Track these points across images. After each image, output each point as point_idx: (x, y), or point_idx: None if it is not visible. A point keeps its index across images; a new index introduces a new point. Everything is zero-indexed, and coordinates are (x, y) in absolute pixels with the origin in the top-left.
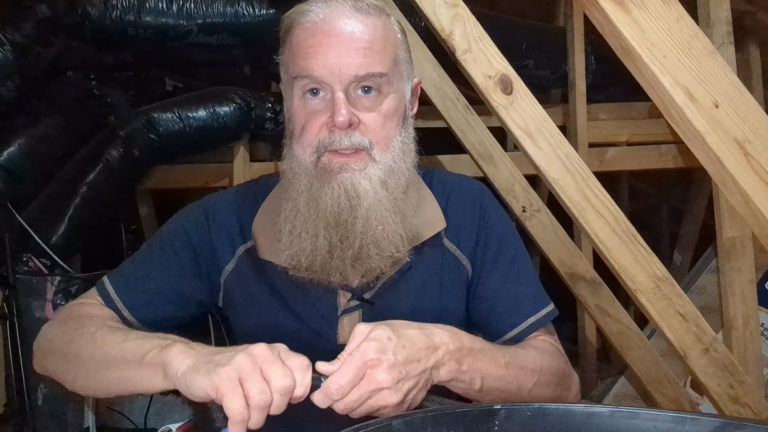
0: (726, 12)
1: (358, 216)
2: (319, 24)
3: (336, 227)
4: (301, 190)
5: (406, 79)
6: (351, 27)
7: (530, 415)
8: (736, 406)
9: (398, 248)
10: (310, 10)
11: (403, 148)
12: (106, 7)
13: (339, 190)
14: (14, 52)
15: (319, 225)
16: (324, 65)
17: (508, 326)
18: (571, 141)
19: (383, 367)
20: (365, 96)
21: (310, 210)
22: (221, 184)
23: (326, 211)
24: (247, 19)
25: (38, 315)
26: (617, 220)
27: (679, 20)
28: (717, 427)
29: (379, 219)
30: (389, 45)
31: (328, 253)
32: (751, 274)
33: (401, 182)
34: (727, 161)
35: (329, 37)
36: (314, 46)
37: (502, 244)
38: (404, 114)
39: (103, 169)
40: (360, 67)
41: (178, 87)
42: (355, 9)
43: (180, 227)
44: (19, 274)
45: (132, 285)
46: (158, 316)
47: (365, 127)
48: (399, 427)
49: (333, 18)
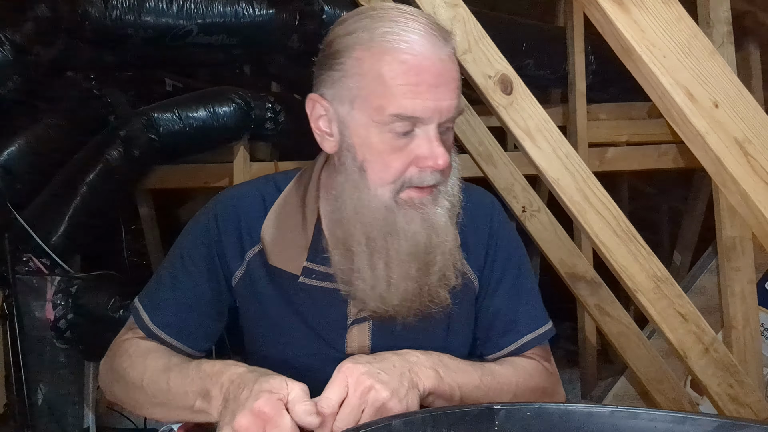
0: (726, 12)
1: (437, 246)
2: (420, 60)
3: (416, 259)
4: (374, 223)
5: None
6: (449, 65)
7: (530, 415)
8: (736, 406)
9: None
10: (402, 39)
11: (454, 178)
12: (106, 7)
13: (422, 223)
14: (14, 52)
15: (410, 264)
16: (427, 107)
17: (504, 342)
18: (571, 141)
19: (360, 371)
20: (446, 132)
21: (392, 247)
22: (221, 184)
23: (417, 246)
24: (247, 19)
25: (38, 315)
26: (617, 220)
27: (679, 20)
28: (717, 427)
29: (451, 249)
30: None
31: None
32: (751, 274)
33: (456, 208)
34: (727, 161)
35: (433, 77)
36: (417, 85)
37: (509, 262)
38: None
39: (103, 169)
40: (456, 108)
41: (178, 87)
42: (443, 39)
43: (195, 238)
44: (19, 274)
45: (167, 310)
46: (200, 333)
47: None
48: (399, 427)
49: (432, 53)
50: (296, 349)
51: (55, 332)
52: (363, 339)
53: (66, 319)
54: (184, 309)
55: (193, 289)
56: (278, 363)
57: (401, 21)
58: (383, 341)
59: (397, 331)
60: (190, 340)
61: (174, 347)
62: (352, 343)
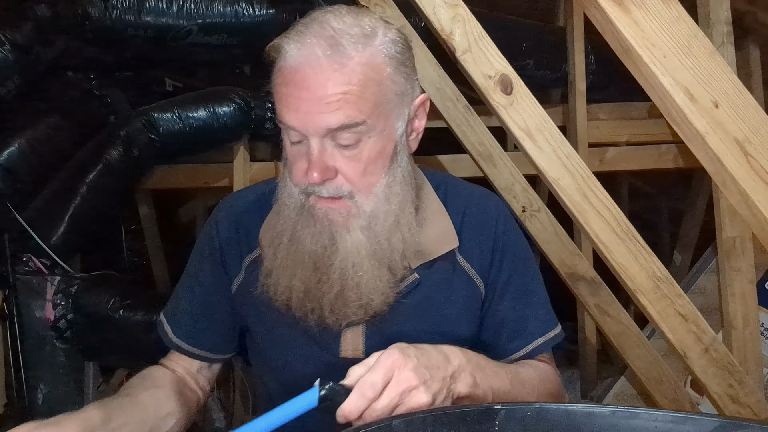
0: (726, 12)
1: (335, 263)
2: (293, 72)
3: (314, 271)
4: (287, 224)
5: (399, 111)
6: (322, 78)
7: (530, 415)
8: (736, 406)
9: (378, 294)
10: (287, 51)
11: (387, 191)
12: (106, 7)
13: (321, 239)
14: (14, 52)
15: (297, 266)
16: (296, 117)
17: (514, 348)
18: (571, 141)
19: (409, 367)
20: (344, 147)
21: (291, 247)
22: (221, 184)
23: (304, 252)
24: (247, 19)
25: (38, 315)
26: (617, 220)
27: (679, 20)
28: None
29: (358, 266)
30: (371, 87)
31: (304, 294)
32: (751, 274)
33: (389, 222)
34: (727, 161)
35: (300, 90)
36: (287, 96)
37: (516, 265)
38: (393, 151)
39: (103, 169)
40: (332, 120)
41: (178, 87)
42: (331, 50)
43: (201, 248)
44: (19, 274)
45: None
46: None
47: (344, 176)
48: (399, 427)
49: (305, 66)
50: (292, 355)
51: (55, 332)
52: (357, 342)
53: (66, 319)
54: (201, 318)
55: (206, 298)
56: (276, 369)
57: (302, 31)
58: (377, 345)
59: (391, 335)
60: (211, 347)
61: (198, 356)
62: (346, 347)
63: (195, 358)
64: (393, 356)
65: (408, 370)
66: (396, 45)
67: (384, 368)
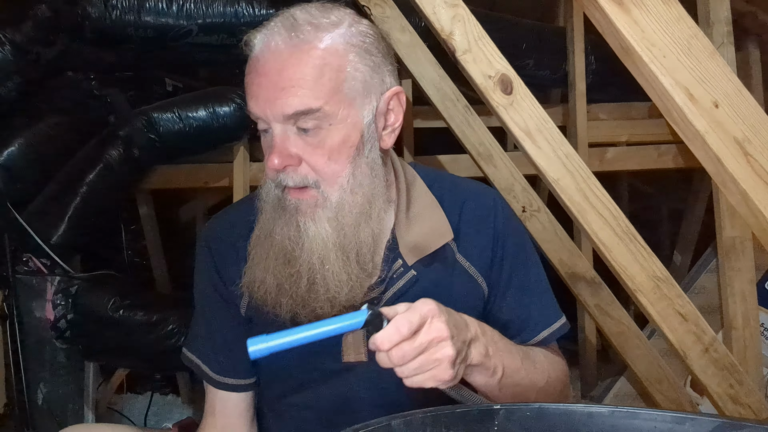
0: (726, 12)
1: (302, 256)
2: (254, 61)
3: (285, 265)
4: (265, 221)
5: (364, 101)
6: (279, 63)
7: (530, 415)
8: (736, 406)
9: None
10: (253, 41)
11: (353, 182)
12: (106, 7)
13: (288, 229)
14: (14, 52)
15: (270, 260)
16: (257, 104)
17: (520, 341)
18: (571, 141)
19: (443, 319)
20: (305, 134)
21: (265, 242)
22: (221, 184)
23: (276, 246)
24: (247, 19)
25: (38, 315)
26: (617, 220)
27: (679, 20)
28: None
29: (324, 258)
30: (328, 73)
31: (277, 289)
32: (751, 274)
33: (353, 215)
34: (727, 161)
35: (259, 76)
36: (250, 85)
37: (517, 260)
38: (359, 142)
39: (103, 169)
40: (287, 105)
41: (178, 87)
42: (288, 38)
43: (199, 275)
44: (19, 274)
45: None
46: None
47: (308, 164)
48: (399, 427)
49: (264, 54)
50: (296, 364)
51: (55, 332)
52: (358, 346)
53: (66, 319)
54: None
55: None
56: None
57: (268, 23)
58: None
59: None
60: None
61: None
62: (348, 352)
63: (242, 390)
64: (429, 305)
65: (441, 321)
66: (363, 36)
67: (421, 312)
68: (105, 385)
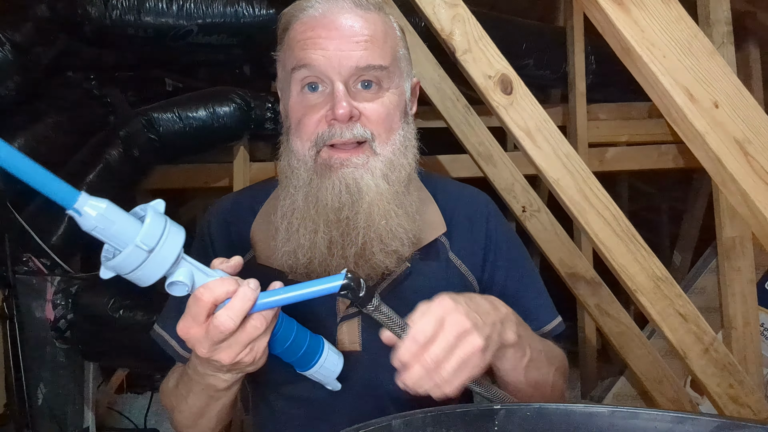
0: (726, 12)
1: (360, 211)
2: (319, 18)
3: (337, 223)
4: (299, 185)
5: (406, 76)
6: (351, 21)
7: (530, 415)
8: (736, 406)
9: (403, 242)
10: (310, 5)
11: (405, 143)
12: (106, 7)
13: (340, 186)
14: (14, 52)
15: (318, 221)
16: (323, 55)
17: None
18: (571, 141)
19: (460, 311)
20: (366, 90)
21: (309, 205)
22: (221, 184)
23: (326, 206)
24: (247, 19)
25: (38, 315)
26: (617, 220)
27: (679, 20)
28: (717, 427)
29: (383, 213)
30: (390, 40)
31: (328, 250)
32: (751, 274)
33: (402, 176)
34: (727, 161)
35: (329, 30)
36: (313, 38)
37: (511, 263)
38: (405, 110)
39: (103, 169)
40: (361, 58)
41: (178, 87)
42: (354, 4)
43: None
44: (19, 274)
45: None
46: None
47: (367, 119)
48: (399, 427)
49: (332, 12)
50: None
51: (55, 332)
52: (353, 335)
53: (66, 319)
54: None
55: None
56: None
57: None
58: (374, 337)
59: None
60: None
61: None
62: (343, 340)
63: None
64: (443, 303)
65: (458, 314)
66: (397, 24)
67: (433, 314)
68: (105, 385)
